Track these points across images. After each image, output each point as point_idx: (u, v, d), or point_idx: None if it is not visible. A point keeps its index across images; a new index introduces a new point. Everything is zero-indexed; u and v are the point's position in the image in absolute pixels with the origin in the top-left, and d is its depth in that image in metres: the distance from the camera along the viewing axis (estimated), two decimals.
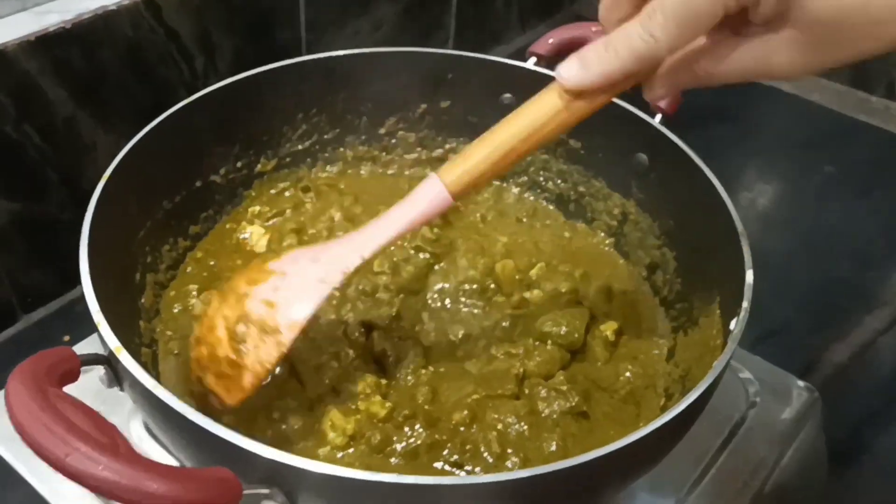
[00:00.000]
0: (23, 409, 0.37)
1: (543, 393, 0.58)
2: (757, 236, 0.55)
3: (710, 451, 0.64)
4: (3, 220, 0.69)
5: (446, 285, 0.67)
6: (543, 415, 0.57)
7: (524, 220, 0.76)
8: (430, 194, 0.51)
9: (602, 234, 0.74)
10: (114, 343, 0.45)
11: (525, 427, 0.56)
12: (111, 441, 0.37)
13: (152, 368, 0.58)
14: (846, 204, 0.98)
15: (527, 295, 0.67)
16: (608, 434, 0.58)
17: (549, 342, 0.62)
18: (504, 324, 0.64)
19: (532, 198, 0.78)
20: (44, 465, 0.59)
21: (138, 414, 0.60)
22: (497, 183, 0.78)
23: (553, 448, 0.55)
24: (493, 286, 0.67)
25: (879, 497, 0.75)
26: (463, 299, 0.66)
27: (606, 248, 0.73)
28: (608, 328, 0.64)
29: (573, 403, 0.57)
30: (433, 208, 0.51)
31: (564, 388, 0.58)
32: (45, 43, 0.65)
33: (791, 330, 0.80)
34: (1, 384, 0.64)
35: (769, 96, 1.14)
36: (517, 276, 0.68)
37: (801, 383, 0.70)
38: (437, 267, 0.68)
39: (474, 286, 0.66)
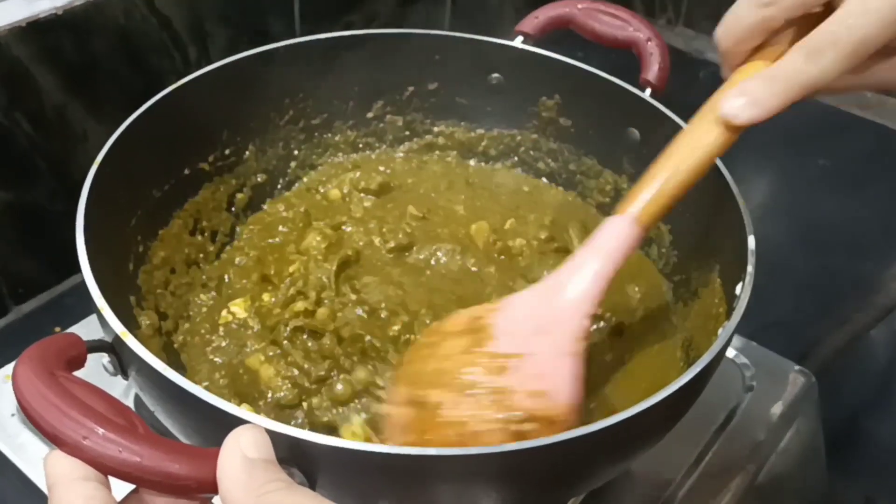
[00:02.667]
0: (34, 393, 0.36)
1: None
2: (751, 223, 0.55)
3: (706, 436, 0.65)
4: None
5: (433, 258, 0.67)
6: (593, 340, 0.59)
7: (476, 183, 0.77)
8: (621, 234, 0.51)
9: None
10: (119, 328, 0.44)
11: None
12: (129, 423, 0.36)
13: None
14: (840, 196, 0.99)
15: (510, 243, 0.67)
16: (652, 348, 0.60)
17: None
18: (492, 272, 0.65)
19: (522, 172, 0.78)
20: (32, 450, 0.60)
21: (141, 407, 0.59)
22: (485, 165, 0.78)
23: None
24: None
25: (876, 483, 0.76)
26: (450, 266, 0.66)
27: (571, 199, 0.75)
28: None
29: (612, 324, 0.60)
30: (629, 247, 0.51)
31: (599, 310, 0.59)
32: (36, 29, 0.64)
33: (787, 320, 0.81)
34: None
35: None
36: (492, 238, 0.69)
37: (797, 368, 0.71)
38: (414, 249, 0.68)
39: (457, 256, 0.67)
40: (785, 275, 0.85)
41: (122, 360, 0.46)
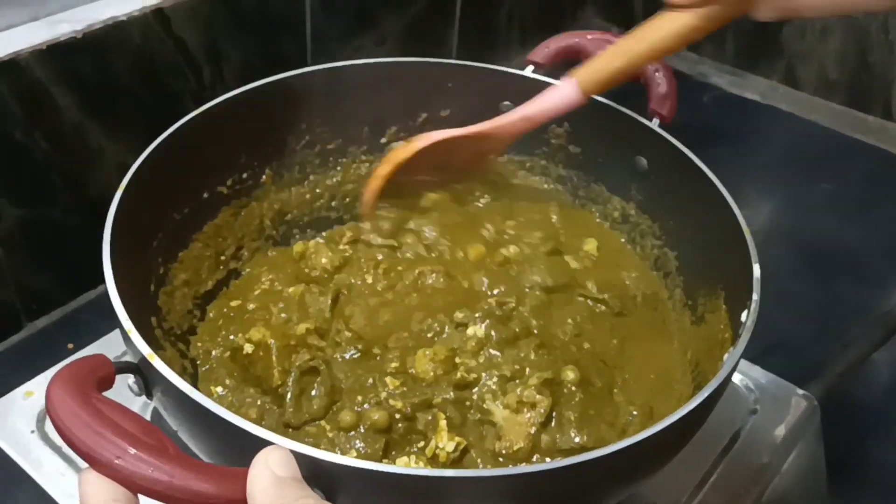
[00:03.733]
0: (69, 414, 0.37)
1: (589, 303, 0.66)
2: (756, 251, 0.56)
3: (710, 458, 0.66)
4: (9, 225, 0.70)
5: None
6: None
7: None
8: (563, 90, 0.64)
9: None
10: (146, 350, 0.45)
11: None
12: (159, 443, 0.38)
13: None
14: (843, 221, 1.00)
15: (504, 251, 0.69)
16: (652, 328, 0.66)
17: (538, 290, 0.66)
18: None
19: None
20: (52, 466, 0.62)
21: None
22: None
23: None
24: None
25: None
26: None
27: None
28: (589, 245, 0.71)
29: (616, 310, 0.65)
30: (567, 103, 0.65)
31: (605, 296, 0.64)
32: (56, 51, 0.66)
33: (790, 343, 0.81)
34: (7, 389, 0.65)
35: (768, 115, 1.17)
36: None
37: (800, 391, 0.72)
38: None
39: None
40: (788, 298, 0.86)
41: (148, 381, 0.47)
